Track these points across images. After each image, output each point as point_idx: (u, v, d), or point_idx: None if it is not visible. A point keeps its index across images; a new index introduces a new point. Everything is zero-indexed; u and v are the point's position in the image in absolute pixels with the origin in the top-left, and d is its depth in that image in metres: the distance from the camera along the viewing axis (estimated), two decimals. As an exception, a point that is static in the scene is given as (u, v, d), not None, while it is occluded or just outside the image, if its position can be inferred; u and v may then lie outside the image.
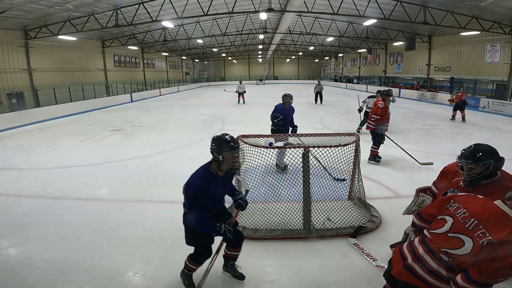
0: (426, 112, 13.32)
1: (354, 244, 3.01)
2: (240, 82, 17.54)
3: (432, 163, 5.21)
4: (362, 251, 2.87)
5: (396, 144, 5.66)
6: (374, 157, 5.62)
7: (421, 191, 2.39)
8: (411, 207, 2.44)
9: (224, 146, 2.10)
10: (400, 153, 5.71)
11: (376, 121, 5.39)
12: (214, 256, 2.32)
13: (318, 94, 16.53)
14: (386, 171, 5.27)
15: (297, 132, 5.12)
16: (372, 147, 5.62)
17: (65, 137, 8.97)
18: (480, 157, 1.86)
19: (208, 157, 2.25)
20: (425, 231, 1.72)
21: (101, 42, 20.14)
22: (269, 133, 5.17)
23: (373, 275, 2.57)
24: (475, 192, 1.77)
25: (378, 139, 5.51)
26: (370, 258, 2.75)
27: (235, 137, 2.31)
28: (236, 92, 17.11)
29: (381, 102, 5.45)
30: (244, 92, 17.12)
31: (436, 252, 1.56)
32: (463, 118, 10.43)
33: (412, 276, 1.59)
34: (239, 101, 17.08)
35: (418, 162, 5.30)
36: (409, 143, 6.95)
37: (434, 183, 2.35)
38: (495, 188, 1.86)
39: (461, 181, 2.02)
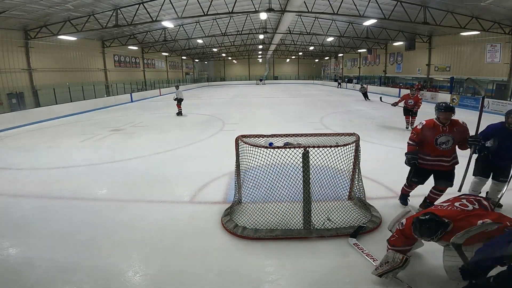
0: (426, 112, 13.29)
1: (354, 244, 3.01)
2: (177, 87, 12.93)
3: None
4: (362, 251, 2.87)
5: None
6: (402, 196, 3.90)
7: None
8: (398, 218, 2.65)
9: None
10: (402, 154, 5.67)
11: (409, 147, 3.43)
12: None
13: (364, 94, 18.93)
14: (386, 171, 5.27)
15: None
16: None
17: (65, 137, 8.97)
18: None
19: (207, 157, 2.25)
20: None
21: (101, 42, 20.14)
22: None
23: (373, 275, 2.57)
24: None
25: (410, 173, 3.52)
26: (370, 258, 2.75)
27: (235, 137, 2.32)
28: (175, 99, 12.69)
29: (422, 122, 3.41)
30: (182, 99, 12.67)
31: None
32: (411, 124, 8.56)
33: None
34: (179, 111, 12.75)
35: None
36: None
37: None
38: None
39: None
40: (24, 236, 3.34)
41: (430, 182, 3.55)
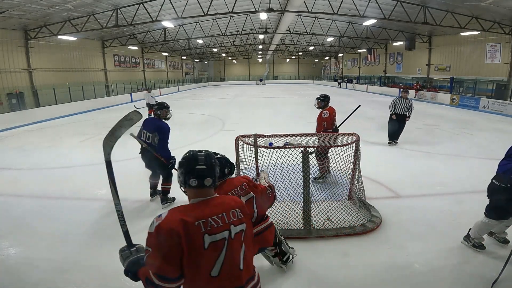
0: (426, 112, 13.32)
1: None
2: (149, 90, 11.63)
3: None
4: None
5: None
6: None
7: None
8: None
9: None
10: (401, 154, 5.69)
11: None
12: None
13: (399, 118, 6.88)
14: (386, 171, 5.27)
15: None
16: None
17: (65, 137, 8.97)
18: None
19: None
20: None
21: (101, 42, 20.14)
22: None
23: (373, 275, 2.57)
24: None
25: None
26: None
27: (235, 137, 2.29)
28: (147, 104, 11.34)
29: None
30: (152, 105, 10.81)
31: None
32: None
33: None
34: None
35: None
36: (409, 143, 6.96)
37: None
38: None
39: None
40: (24, 236, 3.34)
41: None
